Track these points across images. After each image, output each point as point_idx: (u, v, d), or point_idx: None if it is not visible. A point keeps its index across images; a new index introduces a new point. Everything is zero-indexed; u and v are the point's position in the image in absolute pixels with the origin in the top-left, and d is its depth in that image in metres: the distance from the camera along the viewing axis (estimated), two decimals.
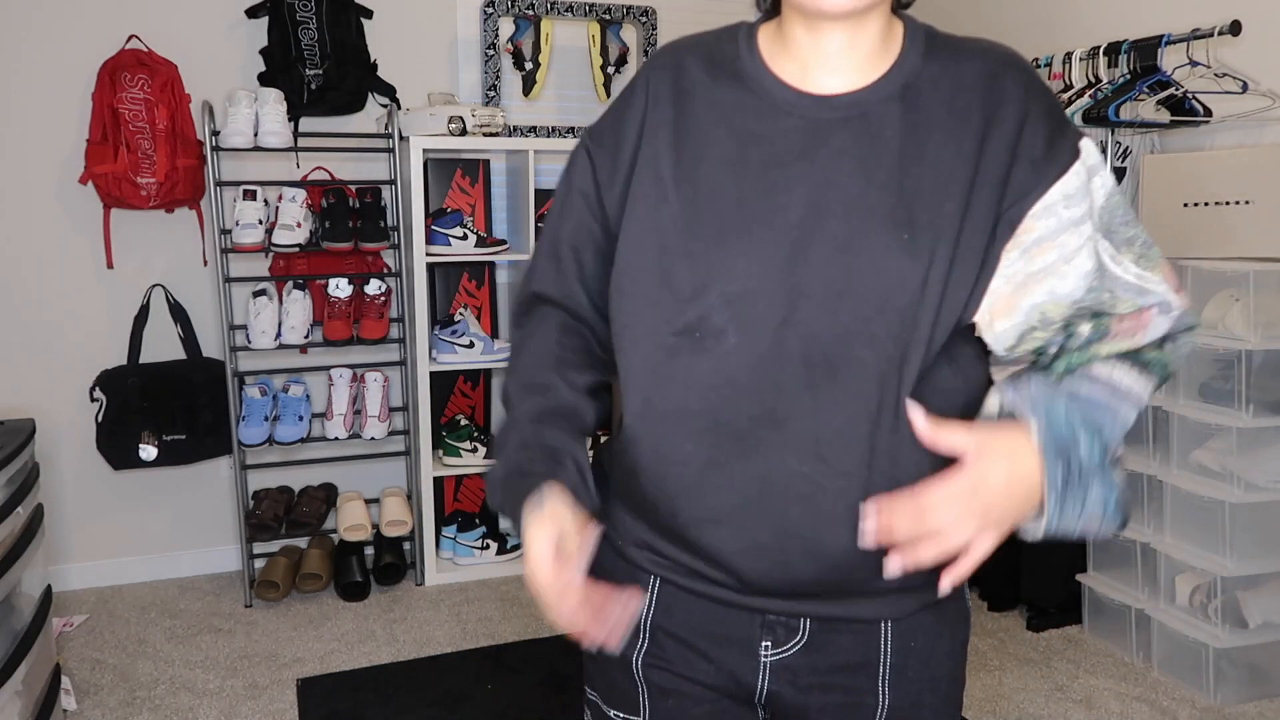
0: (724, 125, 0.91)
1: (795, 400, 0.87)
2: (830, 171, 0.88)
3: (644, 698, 1.00)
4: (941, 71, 0.92)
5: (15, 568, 1.91)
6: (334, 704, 2.45)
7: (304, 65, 3.01)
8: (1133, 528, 2.65)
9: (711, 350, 0.88)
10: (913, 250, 0.86)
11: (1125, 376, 0.89)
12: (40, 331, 3.04)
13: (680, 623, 0.97)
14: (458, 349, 3.15)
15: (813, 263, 0.86)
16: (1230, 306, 2.38)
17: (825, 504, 0.87)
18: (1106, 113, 2.63)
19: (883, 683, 0.95)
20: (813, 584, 0.90)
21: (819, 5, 0.86)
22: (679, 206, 0.90)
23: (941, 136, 0.88)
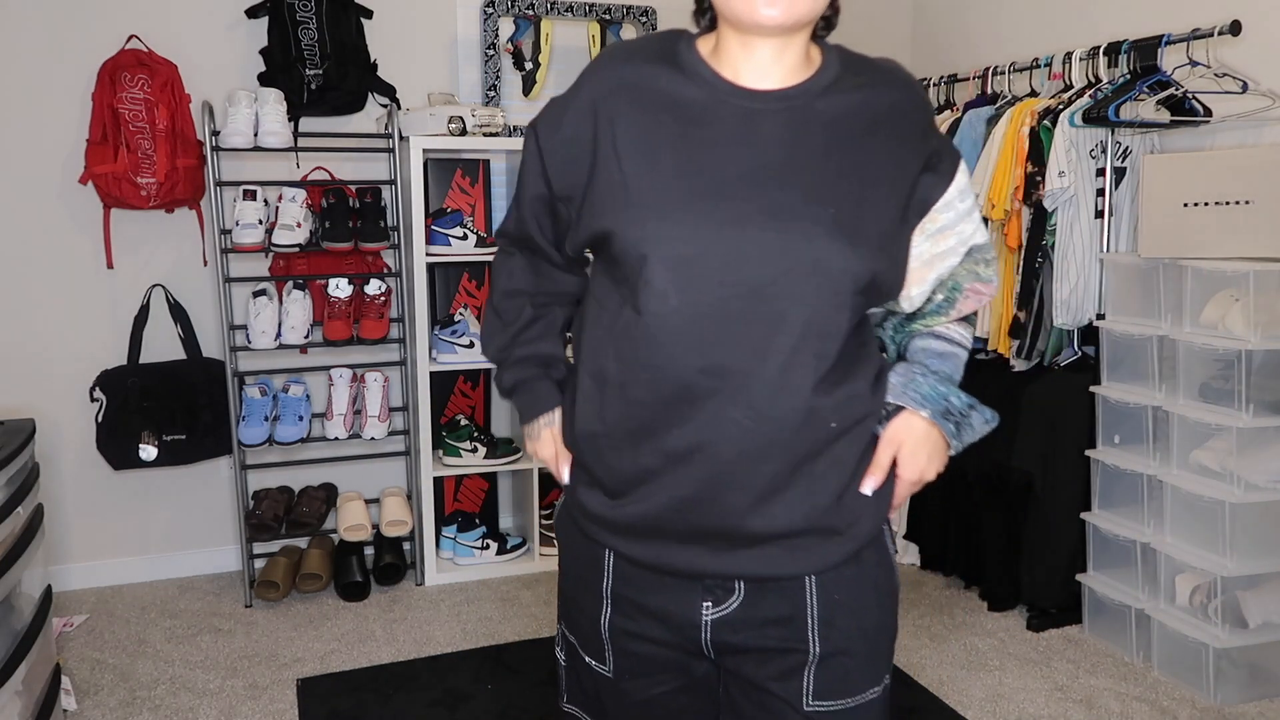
0: (668, 110, 1.04)
1: (735, 354, 1.00)
2: (763, 152, 1.02)
3: (608, 651, 1.16)
4: (856, 82, 1.07)
5: (15, 568, 1.91)
6: (334, 704, 2.45)
7: (304, 65, 3.01)
8: (1133, 528, 2.65)
9: (655, 311, 1.01)
10: (838, 223, 1.01)
11: (956, 330, 1.18)
12: (40, 331, 3.04)
13: (635, 590, 1.12)
14: (458, 349, 3.15)
15: (749, 230, 1.00)
16: (1230, 306, 2.38)
17: (757, 445, 1.02)
18: (1106, 113, 2.63)
19: (812, 634, 1.09)
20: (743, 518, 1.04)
21: (754, 19, 0.99)
22: (628, 180, 1.03)
23: (857, 137, 1.04)
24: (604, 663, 1.17)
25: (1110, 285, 2.77)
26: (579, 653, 1.20)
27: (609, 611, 1.15)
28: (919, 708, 2.43)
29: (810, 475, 1.05)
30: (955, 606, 3.03)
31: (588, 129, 1.06)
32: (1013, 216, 2.87)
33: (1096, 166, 2.83)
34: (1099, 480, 2.77)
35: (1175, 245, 2.52)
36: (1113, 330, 2.70)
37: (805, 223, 1.00)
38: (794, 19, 0.99)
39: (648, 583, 1.12)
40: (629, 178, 1.03)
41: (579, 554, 1.17)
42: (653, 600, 1.12)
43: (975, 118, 3.03)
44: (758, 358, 1.01)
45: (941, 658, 2.70)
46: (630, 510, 1.08)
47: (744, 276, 1.00)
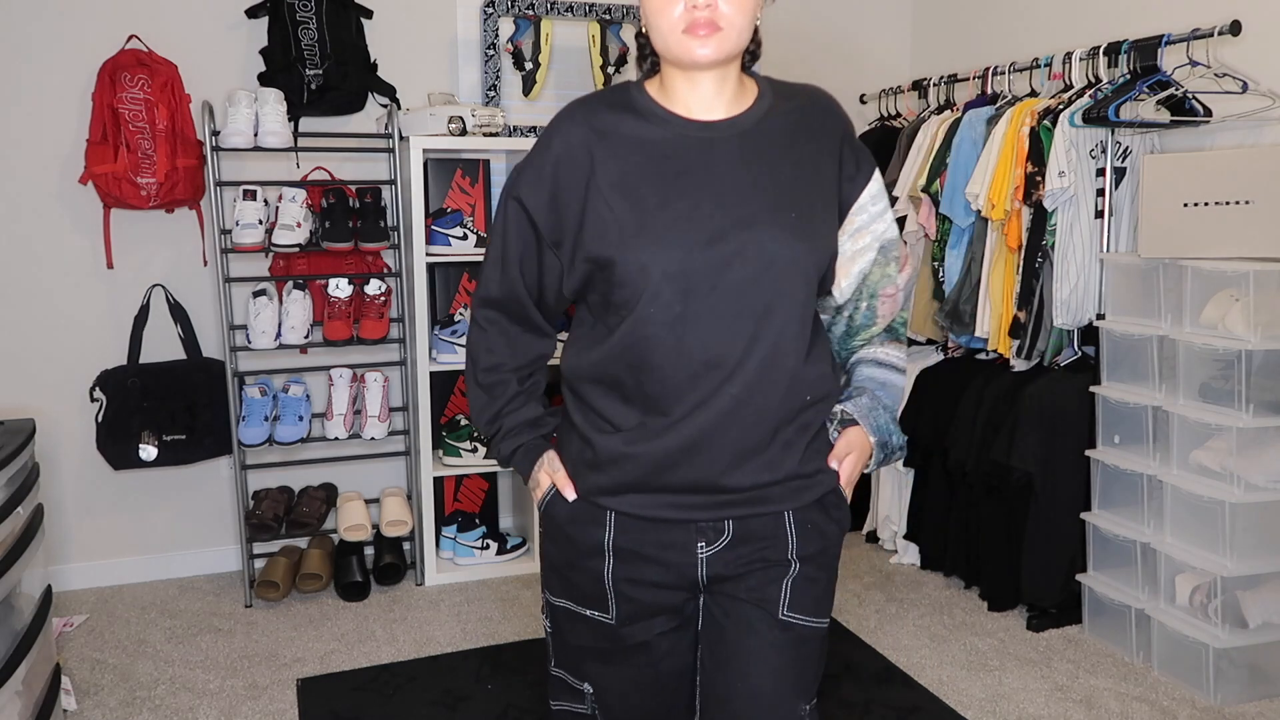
0: (638, 150, 1.23)
1: (732, 344, 1.20)
2: (724, 174, 1.22)
3: (611, 600, 1.31)
4: (788, 107, 1.28)
5: (15, 568, 1.91)
6: (334, 704, 2.45)
7: (304, 65, 3.01)
8: (1133, 528, 2.66)
9: (662, 320, 1.20)
10: (797, 226, 1.22)
11: (893, 353, 1.39)
12: (40, 331, 3.04)
13: (634, 540, 1.28)
14: (458, 349, 3.15)
15: (728, 241, 1.19)
16: (1230, 306, 2.38)
17: (750, 416, 1.23)
18: (1106, 113, 2.63)
19: (791, 551, 1.30)
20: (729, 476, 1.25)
21: (693, 58, 1.19)
22: (619, 217, 1.20)
23: (797, 152, 1.26)
24: (606, 612, 1.32)
25: (1110, 285, 2.77)
26: (575, 612, 1.35)
27: (611, 564, 1.30)
28: (919, 708, 2.43)
29: (784, 440, 1.27)
30: (955, 606, 3.03)
31: (571, 177, 1.23)
32: (1013, 216, 2.87)
33: (1096, 166, 2.83)
34: (1099, 480, 2.77)
35: (1175, 245, 2.52)
36: (1113, 330, 2.70)
37: (774, 229, 1.21)
38: (725, 54, 1.20)
39: (647, 533, 1.28)
40: (619, 214, 1.20)
41: (580, 517, 1.31)
42: (652, 548, 1.28)
43: (975, 118, 3.03)
44: (750, 345, 1.21)
45: (941, 658, 2.70)
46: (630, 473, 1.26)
47: (731, 280, 1.19)
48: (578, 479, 1.31)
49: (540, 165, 1.26)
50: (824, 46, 3.85)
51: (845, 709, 2.42)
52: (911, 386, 3.28)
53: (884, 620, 2.93)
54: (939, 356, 3.34)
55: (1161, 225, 2.55)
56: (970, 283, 3.06)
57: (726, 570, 1.29)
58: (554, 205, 1.25)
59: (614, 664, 1.36)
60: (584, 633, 1.36)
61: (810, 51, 3.81)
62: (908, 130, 3.36)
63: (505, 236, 1.31)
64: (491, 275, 1.34)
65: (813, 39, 3.82)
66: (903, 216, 3.32)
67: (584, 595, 1.33)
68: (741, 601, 1.30)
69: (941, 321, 3.14)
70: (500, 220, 1.31)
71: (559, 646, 1.42)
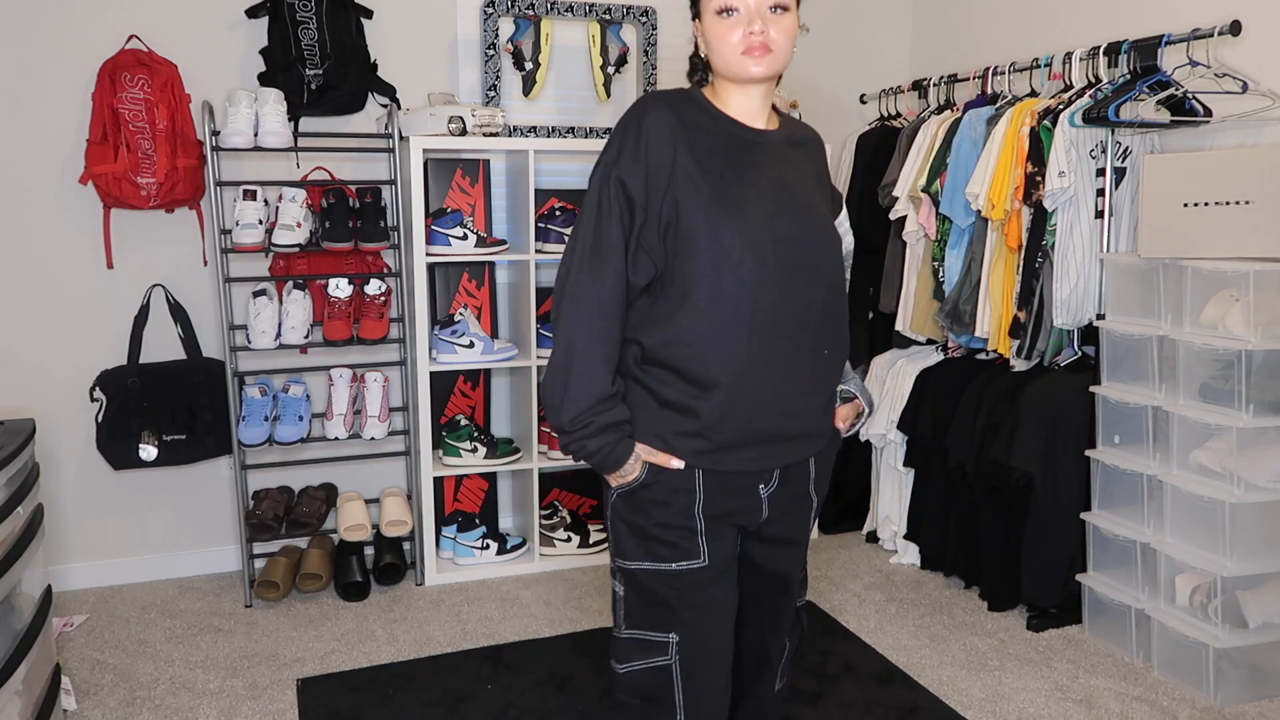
0: (713, 139, 1.50)
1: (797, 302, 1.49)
2: (779, 169, 1.54)
3: (702, 542, 1.54)
4: (800, 136, 1.65)
5: (15, 568, 1.91)
6: (334, 704, 2.45)
7: (304, 65, 3.00)
8: (1133, 528, 2.66)
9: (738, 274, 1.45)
10: (822, 212, 1.57)
11: None
12: (40, 331, 3.04)
13: (716, 490, 1.53)
14: (458, 349, 3.15)
15: (788, 214, 1.50)
16: (1230, 306, 2.38)
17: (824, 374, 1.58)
18: (1106, 113, 2.63)
19: (813, 488, 1.65)
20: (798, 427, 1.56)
21: (749, 74, 1.48)
22: (708, 193, 1.46)
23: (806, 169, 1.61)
24: (699, 558, 1.54)
25: (1110, 285, 2.77)
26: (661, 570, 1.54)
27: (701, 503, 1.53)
28: (919, 708, 2.43)
29: (822, 390, 1.59)
30: (955, 606, 3.03)
31: (663, 155, 1.46)
32: (1013, 216, 2.87)
33: (1096, 166, 2.83)
34: (1099, 480, 2.77)
35: (1175, 245, 2.52)
36: (1113, 330, 2.70)
37: (814, 210, 1.54)
38: (774, 71, 1.50)
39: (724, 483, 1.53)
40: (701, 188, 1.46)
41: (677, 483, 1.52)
42: (729, 494, 1.54)
43: (975, 118, 3.03)
44: (805, 304, 1.50)
45: (941, 658, 2.70)
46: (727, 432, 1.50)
47: (790, 247, 1.48)
48: (677, 450, 1.51)
49: (636, 146, 1.46)
50: (824, 46, 3.85)
51: (845, 709, 2.42)
52: (911, 386, 3.28)
53: (884, 620, 2.93)
54: (939, 356, 3.34)
55: (1161, 225, 2.55)
56: (970, 283, 3.06)
57: (777, 507, 1.60)
58: (648, 181, 1.46)
59: (697, 607, 1.55)
60: (671, 587, 1.55)
61: (810, 51, 3.81)
62: (908, 130, 3.36)
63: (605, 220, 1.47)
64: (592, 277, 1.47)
65: (813, 39, 3.82)
66: (903, 216, 3.32)
67: (675, 552, 1.54)
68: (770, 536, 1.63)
69: (941, 321, 3.14)
70: (595, 202, 1.48)
71: (638, 608, 1.58)
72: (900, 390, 3.31)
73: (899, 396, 3.31)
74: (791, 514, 1.63)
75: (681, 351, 1.48)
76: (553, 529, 3.34)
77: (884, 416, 3.38)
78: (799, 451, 1.57)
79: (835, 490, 3.72)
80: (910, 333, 3.39)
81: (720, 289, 1.44)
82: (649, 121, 1.46)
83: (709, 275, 1.44)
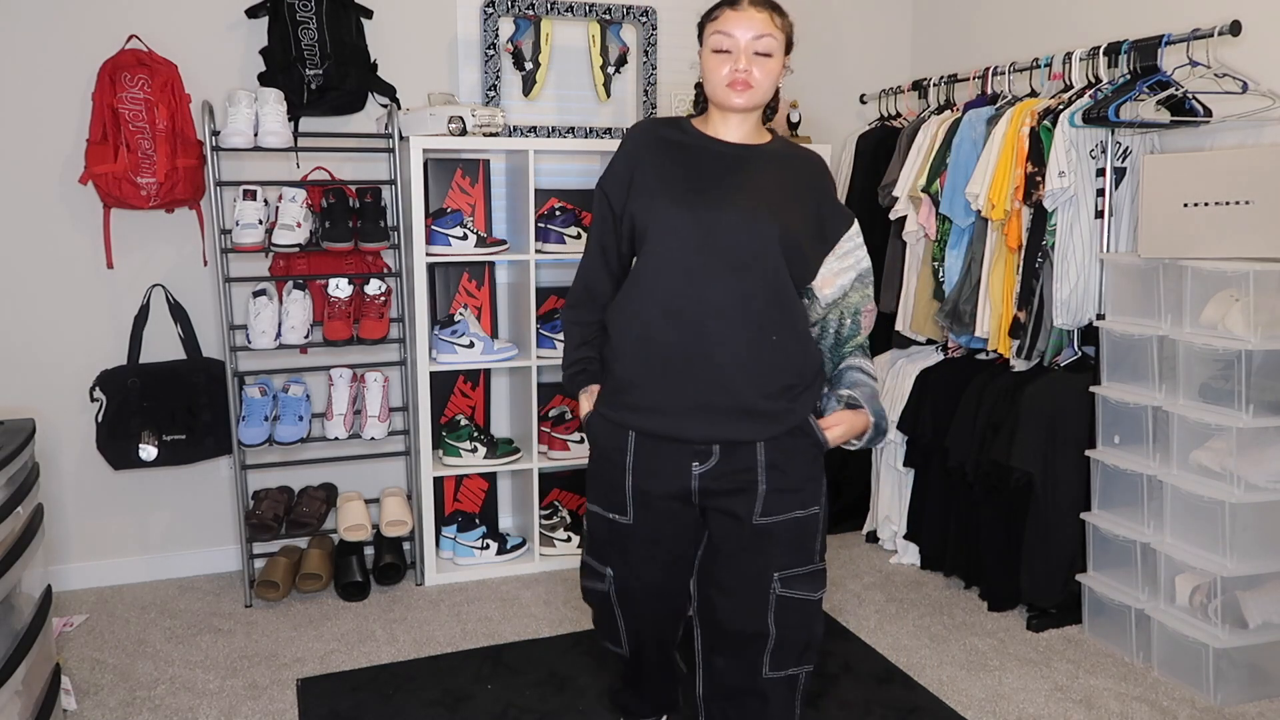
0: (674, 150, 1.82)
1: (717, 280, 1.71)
2: (724, 170, 1.78)
3: (630, 502, 1.82)
4: (788, 153, 1.86)
5: (15, 568, 1.91)
6: (334, 704, 2.45)
7: (304, 65, 3.00)
8: (1133, 528, 2.66)
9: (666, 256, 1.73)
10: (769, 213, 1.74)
11: (869, 365, 1.90)
12: (40, 331, 3.04)
13: (648, 456, 1.78)
14: (458, 349, 3.15)
15: (731, 216, 1.73)
16: (1230, 306, 2.38)
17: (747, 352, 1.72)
18: (1106, 113, 2.63)
19: (761, 476, 1.75)
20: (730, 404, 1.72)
21: (730, 104, 1.77)
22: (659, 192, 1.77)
23: (784, 178, 1.80)
24: (625, 514, 1.83)
25: (1110, 285, 2.77)
26: (604, 515, 1.85)
27: (631, 472, 1.79)
28: (919, 708, 2.43)
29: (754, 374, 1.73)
30: (955, 606, 3.03)
31: (630, 165, 1.83)
32: (1013, 216, 2.87)
33: (1096, 167, 2.83)
34: (1099, 480, 2.77)
35: (1175, 245, 2.52)
36: (1113, 330, 2.70)
37: (753, 209, 1.74)
38: (753, 104, 1.78)
39: (656, 452, 1.77)
40: (650, 183, 1.78)
41: (611, 442, 1.81)
42: (660, 463, 1.77)
43: (975, 118, 3.03)
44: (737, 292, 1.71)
45: (941, 658, 2.70)
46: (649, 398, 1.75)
47: (721, 239, 1.72)
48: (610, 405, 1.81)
49: (617, 159, 1.86)
50: (824, 46, 3.85)
51: (845, 709, 2.42)
52: (911, 386, 3.28)
53: (884, 620, 2.93)
54: (939, 356, 3.34)
55: (1161, 225, 2.55)
56: (970, 283, 3.06)
57: (713, 487, 1.76)
58: (621, 186, 1.83)
59: (627, 554, 1.86)
60: (608, 531, 1.86)
61: (810, 51, 3.81)
62: (908, 130, 3.36)
63: (594, 223, 1.89)
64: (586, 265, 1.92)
65: (813, 39, 3.82)
66: (903, 217, 3.32)
67: (611, 502, 1.83)
68: (725, 513, 1.78)
69: (941, 321, 3.14)
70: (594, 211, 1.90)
71: (588, 540, 1.93)
72: (900, 390, 3.32)
73: (899, 396, 3.31)
74: (732, 493, 1.76)
75: (614, 318, 1.83)
76: (553, 529, 3.34)
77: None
78: (732, 429, 1.72)
79: (835, 490, 3.72)
80: (910, 333, 3.39)
81: (650, 266, 1.74)
82: (625, 141, 1.87)
83: (647, 255, 1.76)
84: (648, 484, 1.78)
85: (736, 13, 1.74)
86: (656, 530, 1.82)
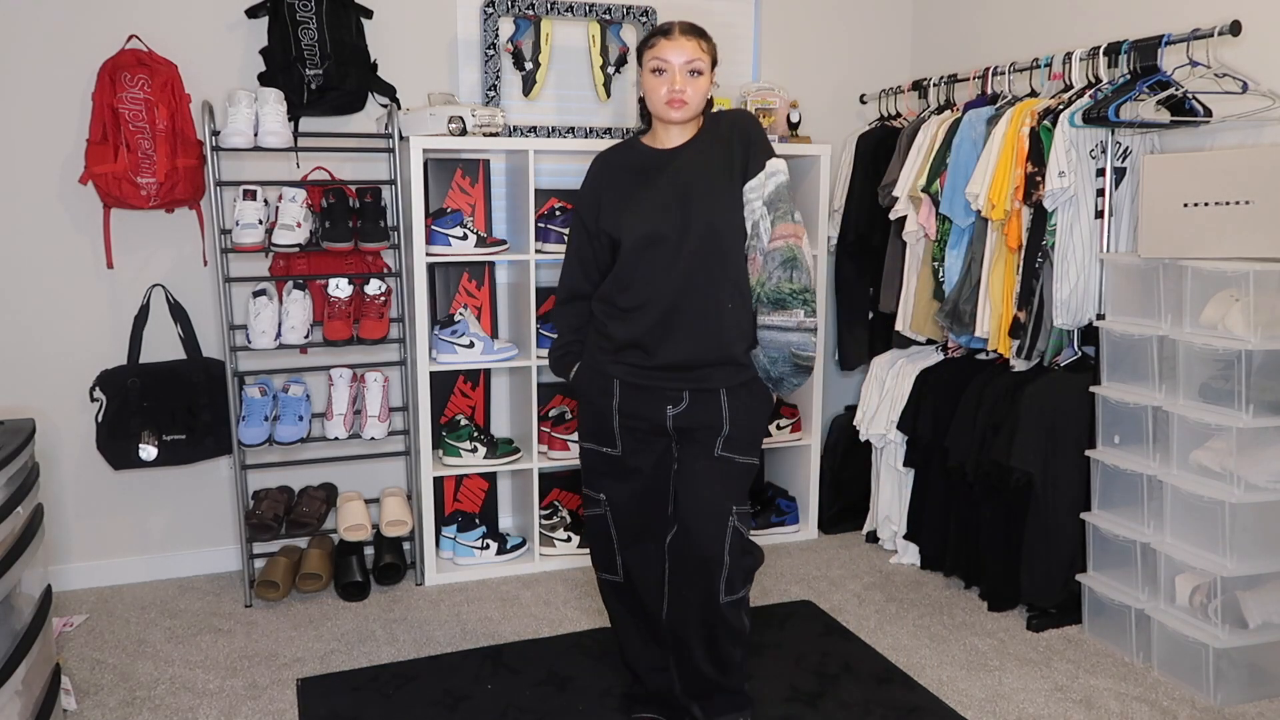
0: (627, 168, 2.19)
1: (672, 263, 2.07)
2: (675, 175, 2.12)
3: (618, 438, 2.18)
4: (713, 131, 2.16)
5: (15, 568, 1.91)
6: (334, 704, 2.45)
7: (304, 65, 3.00)
8: (1133, 528, 2.66)
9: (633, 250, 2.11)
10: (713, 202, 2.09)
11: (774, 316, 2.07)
12: (40, 331, 3.04)
13: (630, 398, 2.15)
14: (458, 349, 3.15)
15: (682, 206, 2.08)
16: (1230, 306, 2.38)
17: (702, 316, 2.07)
18: (1106, 113, 2.63)
19: (724, 417, 2.12)
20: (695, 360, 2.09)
21: (669, 118, 2.10)
22: (617, 201, 2.15)
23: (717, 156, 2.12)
24: (614, 446, 2.19)
25: (1110, 285, 2.77)
26: (598, 449, 2.21)
27: (618, 409, 2.16)
28: (919, 708, 2.43)
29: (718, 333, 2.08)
30: (955, 606, 3.03)
31: (596, 190, 2.20)
32: (1013, 216, 2.87)
33: (1096, 166, 2.83)
34: (1099, 480, 2.77)
35: (1175, 245, 2.52)
36: (1113, 330, 2.70)
37: (695, 201, 2.08)
38: (687, 116, 2.11)
39: (637, 394, 2.14)
40: (612, 199, 2.16)
41: (600, 388, 2.17)
42: (640, 404, 2.14)
43: (975, 118, 3.03)
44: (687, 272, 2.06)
45: (941, 658, 2.70)
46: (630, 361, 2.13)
47: (681, 233, 2.07)
48: (600, 360, 2.18)
49: (585, 185, 2.24)
50: (824, 46, 3.85)
51: (845, 709, 2.42)
52: (911, 386, 3.28)
53: (884, 620, 2.93)
54: (939, 356, 3.34)
55: (1161, 225, 2.55)
56: (970, 283, 3.06)
57: (684, 424, 2.13)
58: (591, 209, 2.20)
59: (620, 481, 2.21)
60: (601, 462, 2.22)
61: (810, 51, 3.81)
62: (908, 130, 3.36)
63: (572, 239, 2.27)
64: (568, 271, 2.28)
65: (813, 39, 3.82)
66: (903, 217, 3.32)
67: (602, 438, 2.20)
68: (694, 444, 2.13)
69: (941, 321, 3.13)
70: (570, 229, 2.28)
71: (586, 473, 2.27)
72: (900, 390, 3.31)
73: (899, 396, 3.31)
74: (698, 425, 2.12)
75: (602, 303, 2.19)
76: (553, 529, 3.34)
77: (884, 416, 3.38)
78: (696, 380, 2.09)
79: (835, 490, 3.72)
80: (910, 333, 3.39)
81: (628, 263, 2.11)
82: (590, 168, 2.25)
83: (624, 255, 2.12)
84: (631, 422, 2.15)
85: (670, 41, 2.06)
86: (638, 457, 2.18)
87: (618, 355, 2.13)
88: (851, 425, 3.57)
